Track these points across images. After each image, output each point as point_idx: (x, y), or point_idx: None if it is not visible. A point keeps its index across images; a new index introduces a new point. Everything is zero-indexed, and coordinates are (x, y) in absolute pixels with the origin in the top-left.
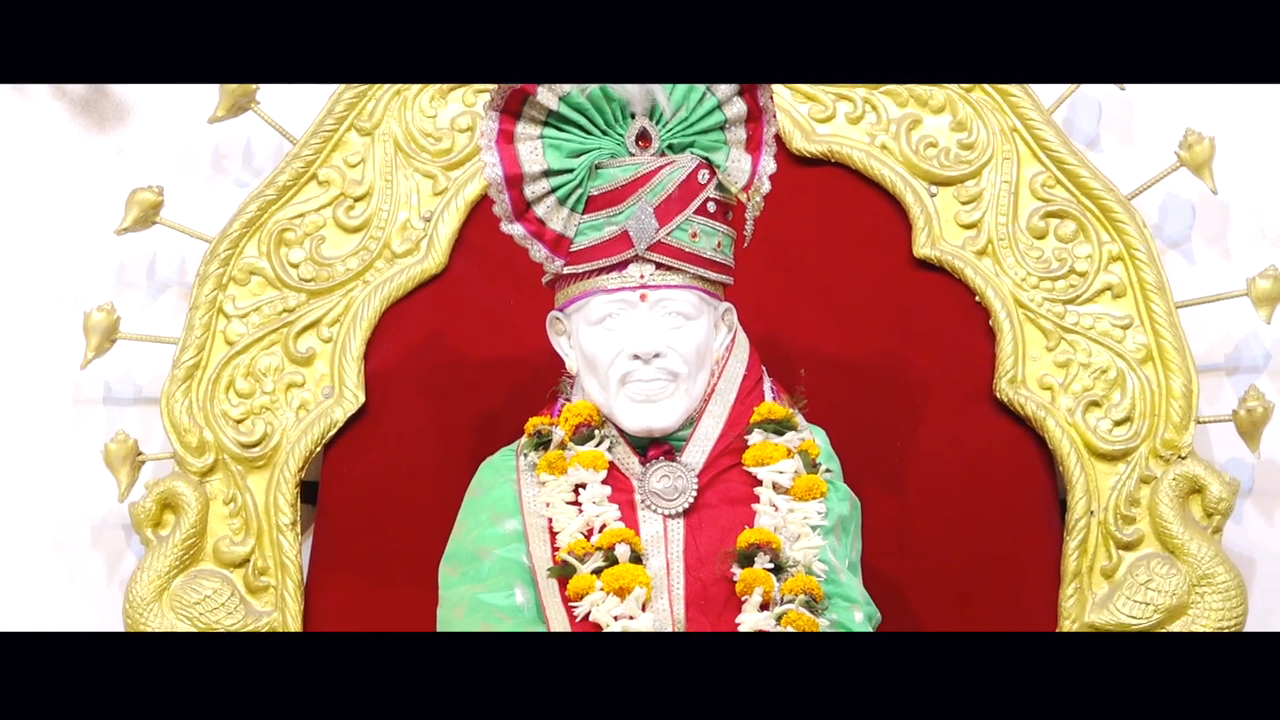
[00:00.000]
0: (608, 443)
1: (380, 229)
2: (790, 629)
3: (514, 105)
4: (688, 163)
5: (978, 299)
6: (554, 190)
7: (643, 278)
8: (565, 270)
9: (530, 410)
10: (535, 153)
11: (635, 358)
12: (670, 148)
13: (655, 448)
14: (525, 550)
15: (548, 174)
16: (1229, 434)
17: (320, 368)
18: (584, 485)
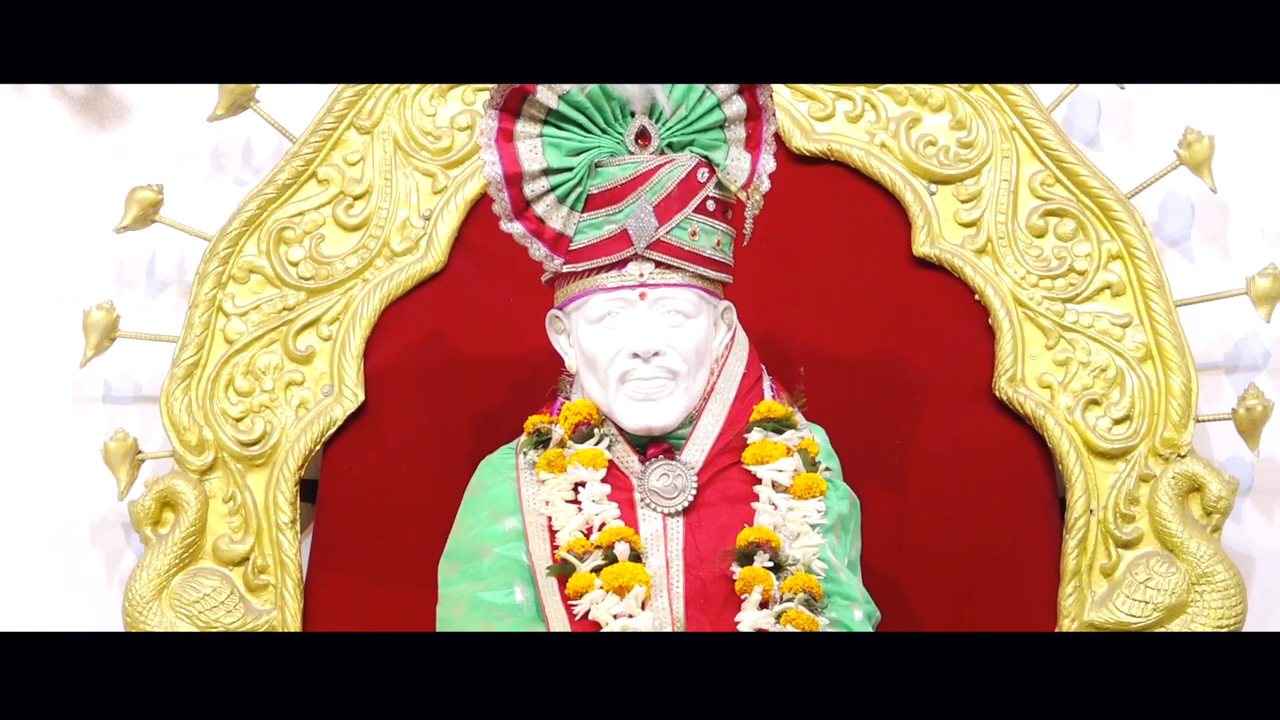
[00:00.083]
0: (607, 441)
1: (380, 227)
2: (790, 627)
3: (514, 104)
4: (687, 161)
5: (977, 298)
6: (553, 189)
7: (642, 276)
8: (565, 269)
9: (530, 409)
10: (535, 151)
11: (635, 356)
12: (670, 146)
13: (655, 446)
14: (525, 548)
15: (547, 172)
16: (1228, 433)
17: (320, 366)
18: (583, 484)
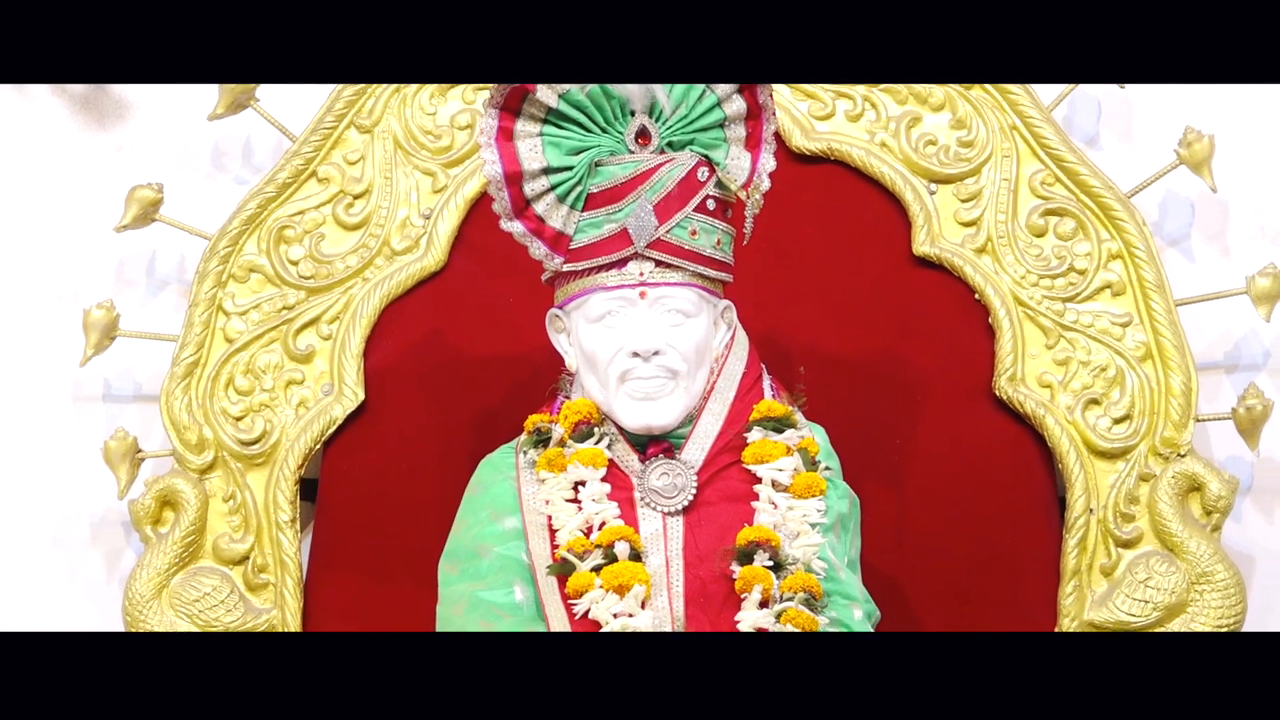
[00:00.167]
0: (607, 440)
1: (380, 226)
2: (789, 627)
3: (514, 103)
4: (687, 160)
5: (977, 297)
6: (553, 188)
7: (642, 275)
8: (565, 268)
9: (530, 408)
10: (535, 150)
11: (635, 355)
12: (670, 145)
13: (654, 445)
14: (525, 548)
15: (547, 171)
16: (1228, 432)
17: (320, 365)
18: (583, 483)
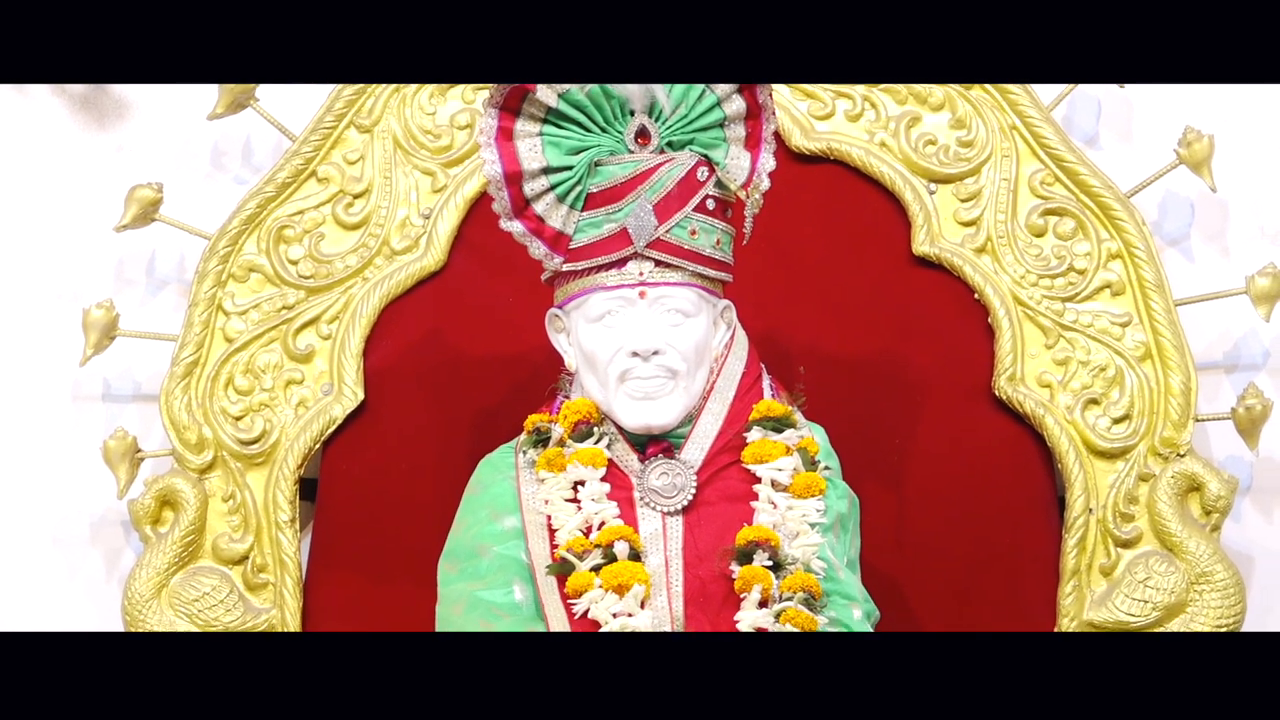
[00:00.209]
0: (607, 440)
1: (379, 226)
2: (789, 626)
3: (513, 102)
4: (687, 160)
5: (977, 297)
6: (553, 187)
7: (642, 275)
8: (564, 267)
9: (529, 407)
10: (534, 150)
11: (634, 355)
12: (669, 145)
13: (654, 445)
14: (524, 547)
15: (547, 171)
16: (1228, 432)
17: (319, 365)
18: (583, 482)
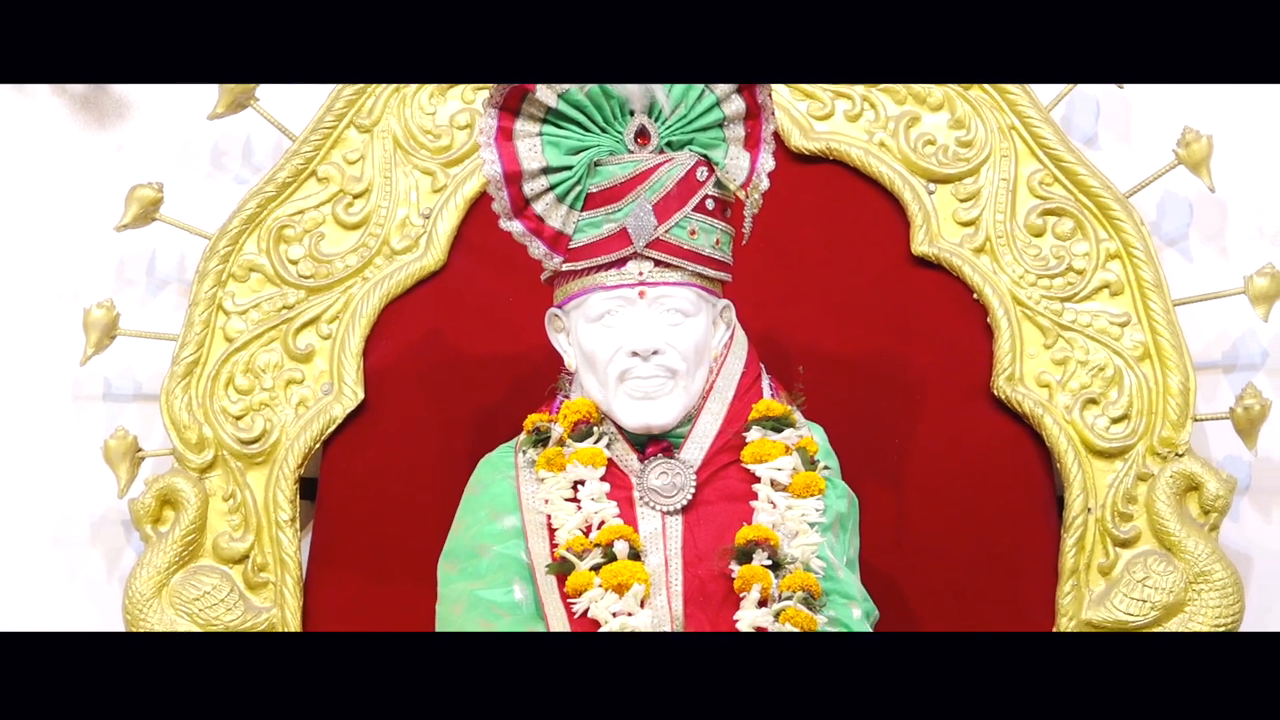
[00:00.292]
0: (606, 439)
1: (379, 226)
2: (788, 625)
3: (513, 102)
4: (686, 160)
5: (976, 296)
6: (553, 187)
7: (641, 275)
8: (564, 267)
9: (529, 407)
10: (534, 150)
11: (634, 355)
12: (669, 145)
13: (654, 445)
14: (524, 547)
15: (546, 171)
16: (1226, 432)
17: (319, 364)
18: (583, 482)
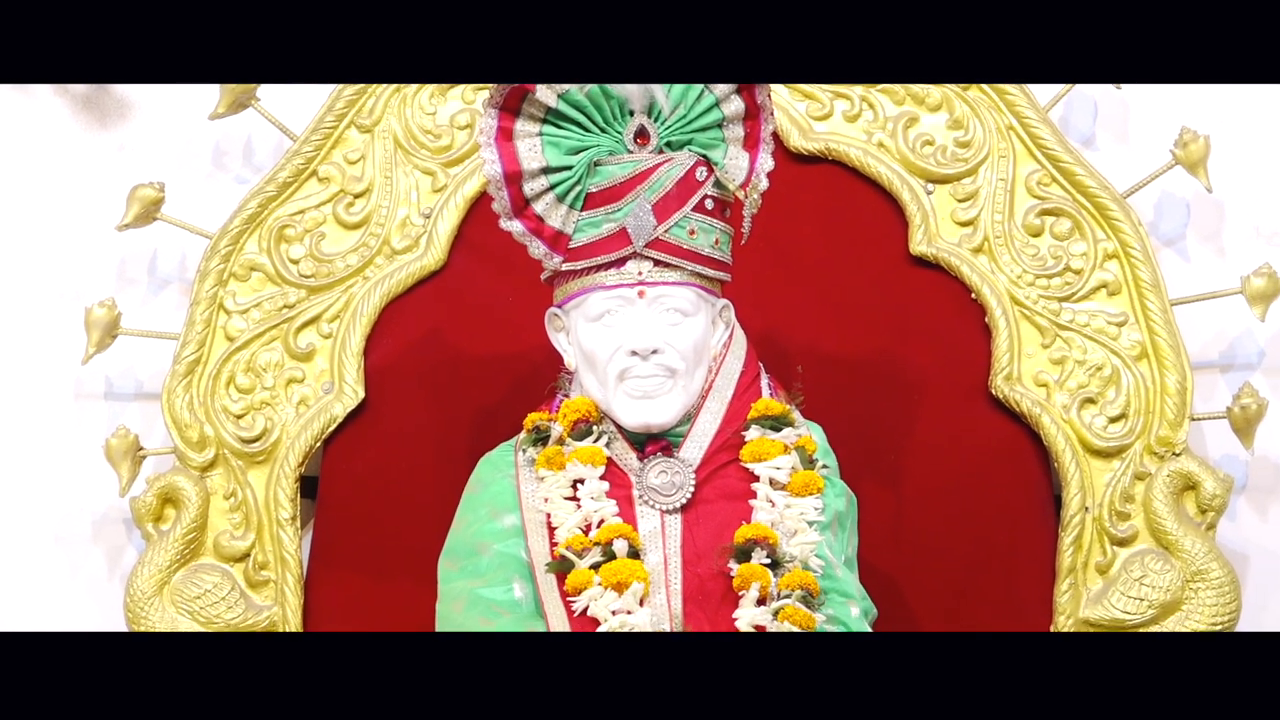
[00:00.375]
0: (606, 438)
1: (380, 225)
2: (787, 624)
3: (513, 103)
4: (686, 160)
5: (974, 296)
6: (552, 187)
7: (641, 274)
8: (564, 267)
9: (529, 406)
10: (534, 150)
11: (633, 354)
12: (668, 145)
13: (653, 444)
14: (524, 545)
15: (546, 171)
16: (1223, 431)
17: (320, 363)
18: (582, 481)
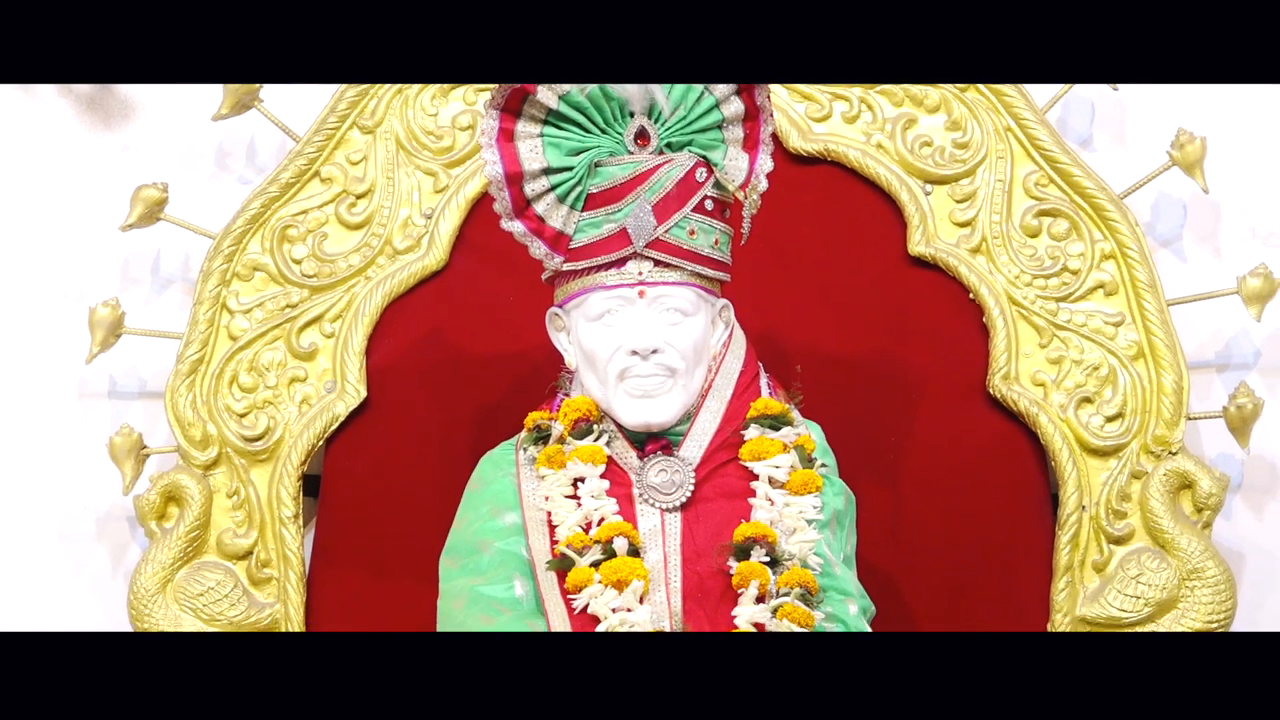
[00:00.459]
0: (606, 437)
1: (382, 226)
2: (786, 621)
3: (514, 104)
4: (686, 161)
5: (972, 296)
6: (553, 188)
7: (641, 274)
8: (564, 267)
9: (530, 405)
10: (535, 151)
11: (633, 353)
12: (668, 146)
13: (653, 442)
14: (524, 543)
15: (547, 172)
16: (1219, 430)
17: (322, 362)
18: (583, 479)
